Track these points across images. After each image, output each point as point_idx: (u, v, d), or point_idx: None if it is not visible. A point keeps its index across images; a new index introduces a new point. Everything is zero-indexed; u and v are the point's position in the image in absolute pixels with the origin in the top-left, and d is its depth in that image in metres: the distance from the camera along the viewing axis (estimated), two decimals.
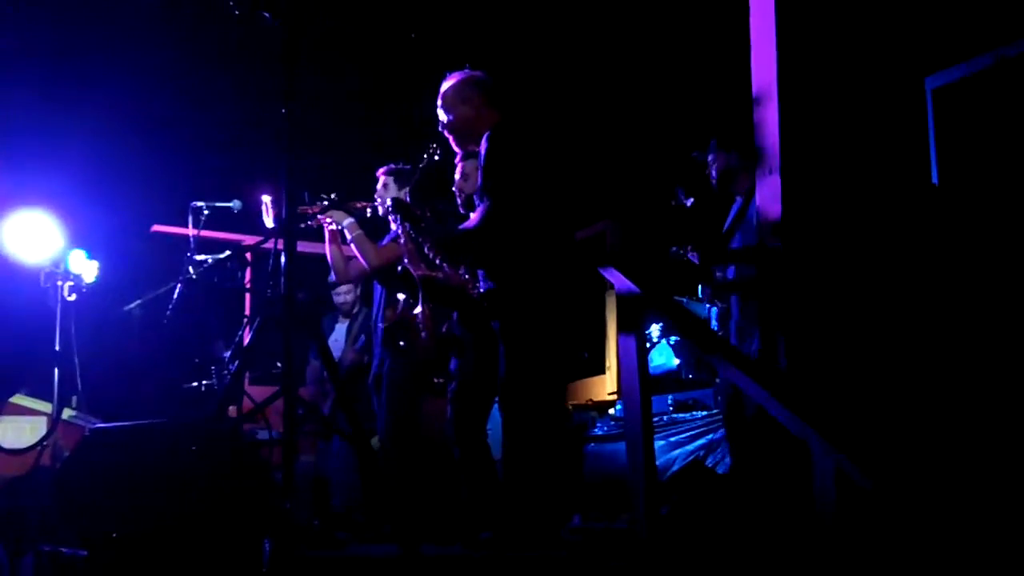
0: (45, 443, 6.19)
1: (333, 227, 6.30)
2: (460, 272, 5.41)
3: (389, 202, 5.32)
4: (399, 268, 5.67)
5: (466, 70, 5.24)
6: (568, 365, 5.05)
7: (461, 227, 5.10)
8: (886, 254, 4.09)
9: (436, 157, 5.28)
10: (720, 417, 6.38)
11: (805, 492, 3.70)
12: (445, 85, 5.23)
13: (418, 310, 5.66)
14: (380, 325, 6.18)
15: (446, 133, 5.20)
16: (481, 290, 5.13)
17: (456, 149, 5.24)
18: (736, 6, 4.53)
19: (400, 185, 6.28)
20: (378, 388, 6.30)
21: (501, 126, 5.03)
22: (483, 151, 4.98)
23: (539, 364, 4.87)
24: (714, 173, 5.91)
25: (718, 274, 6.03)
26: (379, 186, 6.34)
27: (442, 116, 5.20)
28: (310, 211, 6.22)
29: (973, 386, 3.92)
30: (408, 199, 5.26)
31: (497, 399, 5.12)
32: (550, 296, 4.87)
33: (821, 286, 4.00)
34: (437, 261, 5.33)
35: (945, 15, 5.25)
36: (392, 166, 6.40)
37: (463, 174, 6.11)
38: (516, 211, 4.88)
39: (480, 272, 5.14)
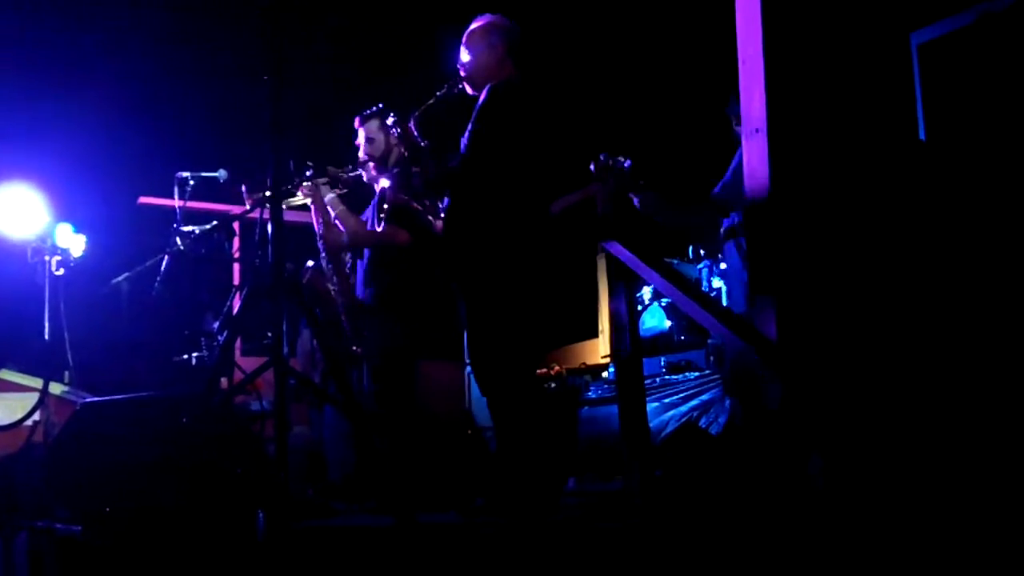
0: (36, 418, 6.17)
1: (309, 202, 6.26)
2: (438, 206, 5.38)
3: (390, 120, 5.28)
4: (379, 189, 5.65)
5: (498, 16, 5.17)
6: (535, 328, 4.98)
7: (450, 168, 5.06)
8: (875, 211, 4.07)
9: (455, 91, 5.19)
10: (714, 378, 6.38)
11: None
12: (474, 25, 5.16)
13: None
14: (360, 291, 6.17)
15: (462, 72, 5.13)
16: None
17: (468, 90, 5.16)
18: None
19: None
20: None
21: (505, 83, 4.98)
22: (480, 101, 4.95)
23: (496, 324, 4.83)
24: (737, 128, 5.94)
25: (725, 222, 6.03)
26: (360, 139, 6.27)
27: (464, 55, 5.13)
28: (297, 190, 6.20)
29: (963, 346, 3.92)
30: (413, 126, 5.19)
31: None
32: (508, 258, 4.83)
33: (810, 245, 3.98)
34: (420, 190, 5.30)
35: None
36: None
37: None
38: (493, 169, 4.84)
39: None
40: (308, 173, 6.18)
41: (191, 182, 6.87)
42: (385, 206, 5.81)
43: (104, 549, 4.15)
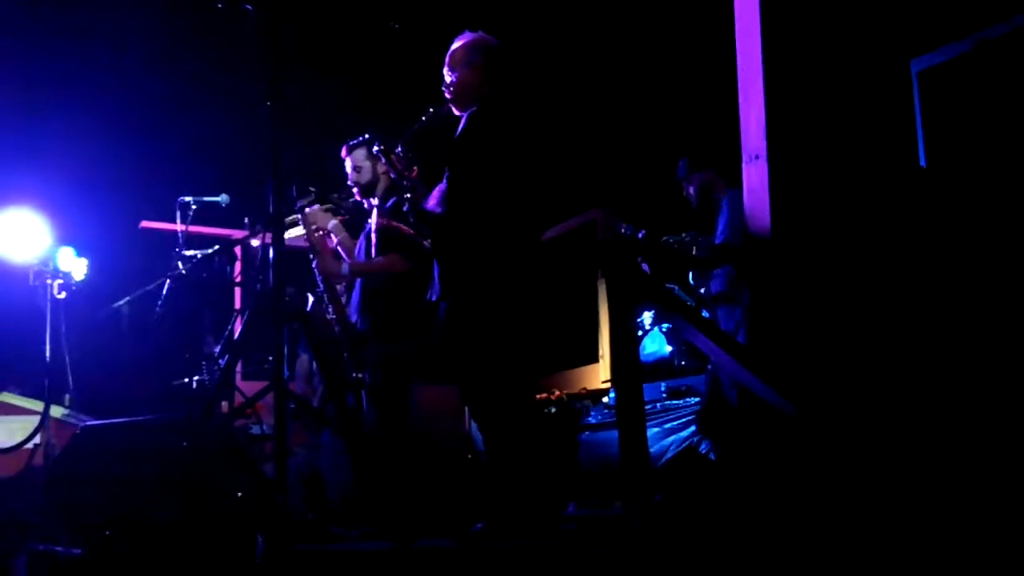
0: (36, 442, 6.17)
1: (318, 233, 6.30)
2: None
3: (375, 148, 5.29)
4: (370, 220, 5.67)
5: (479, 33, 5.10)
6: (524, 354, 4.95)
7: (427, 202, 5.04)
8: (875, 236, 4.08)
9: (442, 113, 5.13)
10: None
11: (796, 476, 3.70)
12: (456, 44, 5.08)
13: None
14: (354, 318, 6.18)
15: (446, 93, 5.07)
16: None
17: (454, 111, 5.10)
18: None
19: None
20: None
21: (485, 109, 4.93)
22: (460, 128, 4.92)
23: (483, 352, 4.80)
24: (692, 191, 6.06)
25: (701, 290, 6.13)
26: (348, 168, 6.29)
27: (446, 75, 5.06)
28: (299, 217, 6.23)
29: (962, 371, 3.92)
30: (400, 150, 5.19)
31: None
32: (496, 286, 4.79)
33: (811, 270, 3.99)
34: (410, 217, 5.29)
35: None
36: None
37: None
38: (476, 198, 4.83)
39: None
40: (307, 200, 6.22)
41: (193, 207, 6.89)
42: (372, 235, 5.83)
43: (104, 572, 4.14)
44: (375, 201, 6.10)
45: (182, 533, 4.10)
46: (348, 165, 6.21)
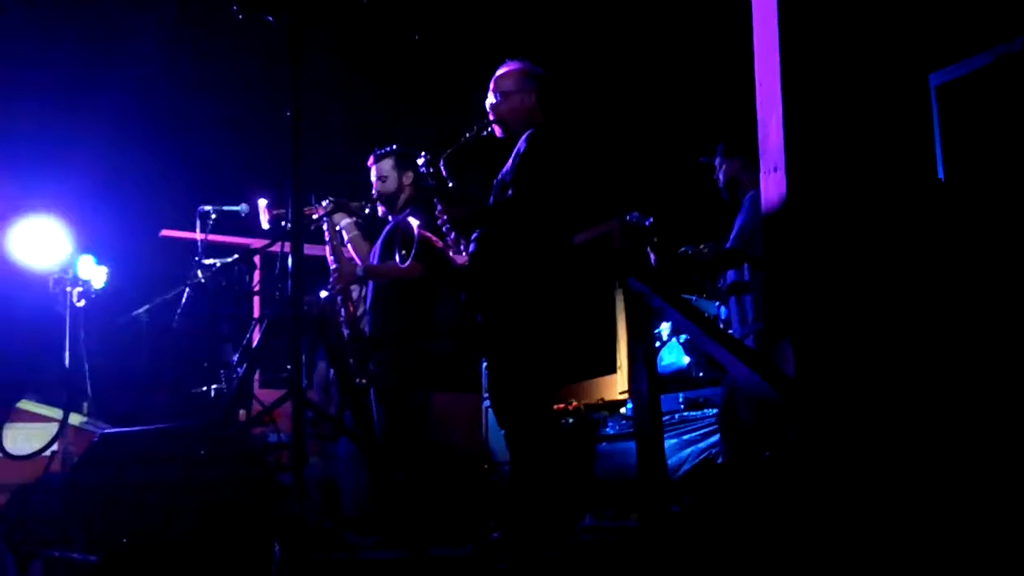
0: (54, 449, 6.19)
1: (336, 228, 6.32)
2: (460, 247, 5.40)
3: (421, 160, 5.33)
4: (401, 224, 5.68)
5: (526, 61, 5.23)
6: (556, 365, 5.02)
7: (485, 208, 5.11)
8: (892, 250, 4.08)
9: (484, 133, 5.22)
10: None
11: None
12: (504, 69, 5.21)
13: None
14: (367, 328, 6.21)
15: (492, 116, 5.17)
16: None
17: (497, 133, 5.20)
18: (740, 2, 4.52)
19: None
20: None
21: (543, 131, 5.05)
22: (522, 149, 5.01)
23: (523, 357, 4.88)
24: (721, 179, 5.96)
25: (720, 282, 6.09)
26: (373, 177, 6.31)
27: (492, 99, 5.18)
28: (312, 214, 6.24)
29: (979, 383, 3.91)
30: (443, 163, 5.24)
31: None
32: (544, 294, 4.89)
33: (826, 283, 3.99)
34: (445, 229, 5.32)
35: (949, 11, 5.24)
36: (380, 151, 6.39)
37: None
38: (536, 215, 4.90)
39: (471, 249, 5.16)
40: (325, 202, 6.24)
41: (213, 216, 6.92)
42: (413, 242, 5.84)
43: None
44: (413, 222, 6.09)
45: (199, 541, 4.11)
46: (373, 174, 6.22)
